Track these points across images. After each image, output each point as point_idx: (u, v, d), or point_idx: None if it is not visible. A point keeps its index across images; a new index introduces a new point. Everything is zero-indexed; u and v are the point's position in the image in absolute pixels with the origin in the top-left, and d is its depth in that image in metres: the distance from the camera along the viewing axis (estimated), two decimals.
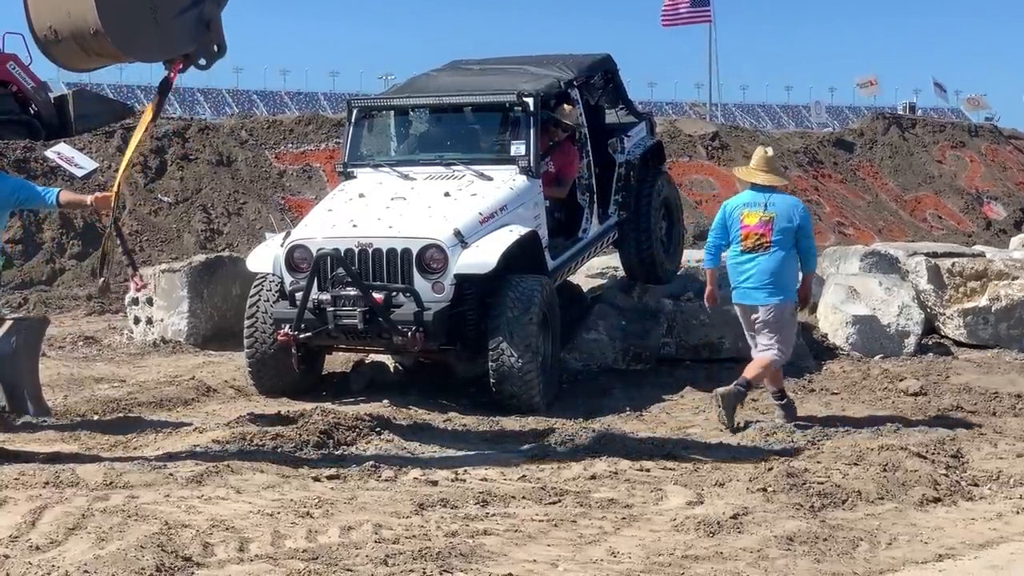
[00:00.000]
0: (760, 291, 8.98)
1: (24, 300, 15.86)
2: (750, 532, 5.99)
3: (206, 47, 7.31)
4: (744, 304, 9.08)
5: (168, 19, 7.05)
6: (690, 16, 38.51)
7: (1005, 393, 9.87)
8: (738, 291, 9.09)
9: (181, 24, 7.11)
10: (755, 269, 8.97)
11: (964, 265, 12.37)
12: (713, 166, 24.76)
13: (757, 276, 8.97)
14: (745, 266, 9.01)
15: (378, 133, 11.04)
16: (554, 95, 10.71)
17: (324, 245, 9.30)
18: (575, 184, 10.93)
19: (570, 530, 6.03)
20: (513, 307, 9.23)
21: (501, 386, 9.24)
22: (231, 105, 79.08)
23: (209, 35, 7.27)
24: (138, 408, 9.05)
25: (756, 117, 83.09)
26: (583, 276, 12.42)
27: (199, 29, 7.21)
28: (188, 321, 12.42)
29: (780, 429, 8.50)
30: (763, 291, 8.97)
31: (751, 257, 9.00)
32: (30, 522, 5.90)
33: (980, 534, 6.11)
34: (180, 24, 7.11)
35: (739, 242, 9.03)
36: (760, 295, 8.98)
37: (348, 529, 5.91)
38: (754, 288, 8.98)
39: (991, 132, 30.95)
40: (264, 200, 20.31)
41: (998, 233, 25.06)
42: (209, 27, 7.24)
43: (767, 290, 8.95)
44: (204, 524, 5.90)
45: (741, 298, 9.08)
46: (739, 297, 9.10)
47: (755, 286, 8.98)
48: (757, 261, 8.98)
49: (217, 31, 7.29)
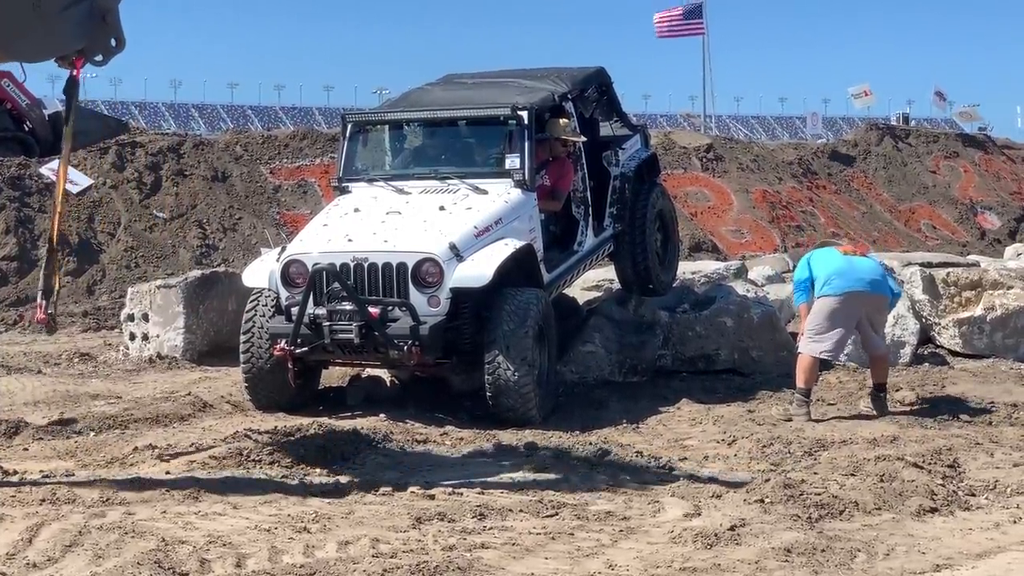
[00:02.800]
0: (883, 284, 9.70)
1: (20, 317, 15.84)
2: (748, 544, 5.99)
3: (102, 41, 6.69)
4: (866, 292, 9.53)
5: (54, 13, 6.42)
6: (683, 28, 38.56)
7: (1001, 403, 9.89)
8: (855, 280, 9.53)
9: (69, 18, 6.49)
10: (868, 263, 9.74)
11: (959, 275, 12.39)
12: (708, 178, 24.76)
13: (875, 269, 9.72)
14: (857, 262, 9.67)
15: (373, 147, 11.05)
16: (548, 108, 10.72)
17: (320, 260, 9.30)
18: (570, 197, 10.95)
19: (568, 543, 6.02)
20: (509, 320, 9.23)
21: (497, 399, 9.24)
22: (226, 120, 79.13)
23: (106, 28, 6.67)
24: (134, 424, 9.03)
25: (750, 128, 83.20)
26: (579, 288, 12.43)
27: (92, 23, 6.59)
28: (184, 337, 12.41)
29: (777, 440, 8.50)
30: (884, 285, 9.72)
31: (860, 257, 9.81)
32: (27, 539, 5.89)
33: (977, 544, 6.12)
34: (68, 18, 6.49)
35: (837, 253, 9.78)
36: (884, 287, 9.72)
37: (345, 544, 5.91)
38: (877, 279, 9.64)
39: (985, 142, 31.00)
40: (260, 215, 20.30)
41: (992, 243, 25.07)
42: (105, 19, 6.65)
43: (885, 285, 9.75)
44: (201, 540, 5.90)
45: (862, 286, 9.53)
46: (859, 285, 9.52)
47: (878, 277, 9.66)
48: (866, 260, 9.81)
49: (114, 24, 6.70)
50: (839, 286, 9.48)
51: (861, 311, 9.56)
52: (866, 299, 9.57)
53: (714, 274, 12.98)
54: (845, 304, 9.49)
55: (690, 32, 38.91)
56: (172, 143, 21.71)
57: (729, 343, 11.44)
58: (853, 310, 9.52)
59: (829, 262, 9.63)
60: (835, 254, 9.75)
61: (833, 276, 9.51)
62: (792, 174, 25.90)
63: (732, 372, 11.36)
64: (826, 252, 9.86)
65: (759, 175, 25.33)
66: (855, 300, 9.51)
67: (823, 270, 9.58)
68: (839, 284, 9.48)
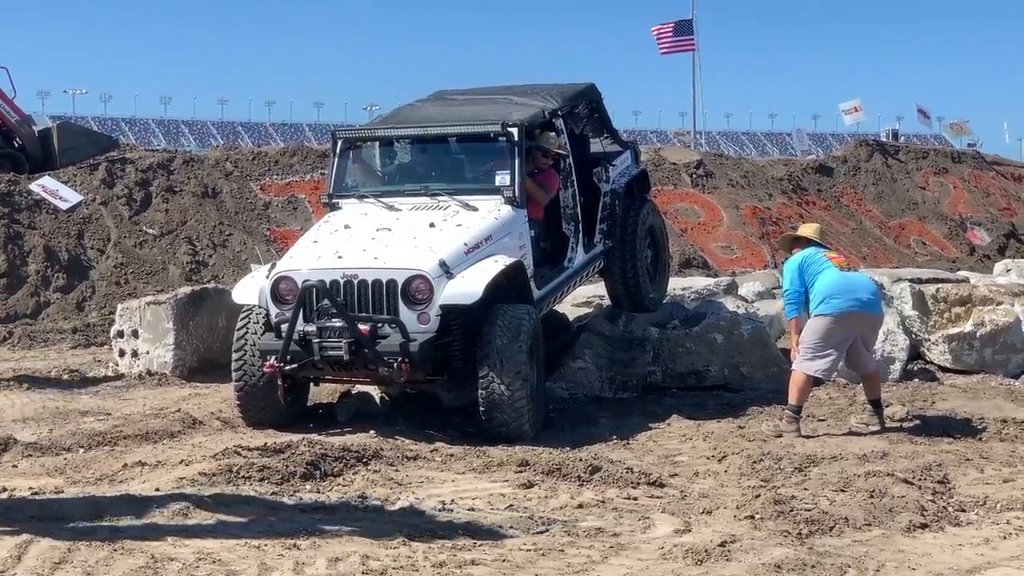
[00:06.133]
0: (878, 302, 9.74)
1: (9, 333, 15.80)
2: (738, 560, 5.98)
3: None
4: (864, 312, 9.46)
5: None
6: (674, 45, 38.68)
7: (991, 418, 9.90)
8: (854, 301, 9.40)
9: None
10: (864, 280, 9.72)
11: (948, 291, 12.41)
12: (698, 194, 24.80)
13: (870, 286, 9.68)
14: (854, 279, 9.59)
15: (363, 164, 11.04)
16: (539, 125, 10.73)
17: (310, 276, 9.30)
18: (560, 213, 10.95)
19: (558, 559, 6.02)
20: (502, 335, 9.23)
21: (491, 414, 9.23)
22: (216, 137, 79.26)
23: None
24: (124, 441, 9.00)
25: (740, 145, 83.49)
26: (569, 305, 12.43)
27: None
28: (174, 353, 12.39)
29: (767, 456, 8.50)
30: (879, 303, 9.77)
31: (854, 273, 9.78)
32: (16, 556, 5.87)
33: (967, 559, 6.12)
34: None
35: (833, 267, 9.52)
36: (879, 305, 9.77)
37: (335, 560, 5.89)
38: (873, 298, 9.61)
39: (974, 158, 31.07)
40: (250, 231, 20.29)
41: (982, 259, 25.10)
42: None
43: (880, 302, 9.81)
44: (191, 557, 5.88)
45: (860, 306, 9.42)
46: (857, 306, 9.41)
47: (873, 296, 9.63)
48: (860, 276, 9.80)
49: None
50: (837, 306, 9.32)
51: (857, 331, 9.51)
52: (863, 319, 9.51)
53: (704, 290, 12.99)
54: (843, 325, 9.38)
55: (681, 48, 39.06)
56: (162, 159, 21.70)
57: (719, 359, 11.45)
58: (851, 330, 9.43)
59: (825, 277, 9.41)
60: (830, 268, 9.48)
61: (831, 294, 9.33)
62: (782, 190, 25.94)
63: (722, 388, 11.37)
64: (817, 262, 9.54)
65: (749, 191, 25.38)
66: (853, 321, 9.42)
67: (818, 285, 9.39)
68: (837, 304, 9.32)
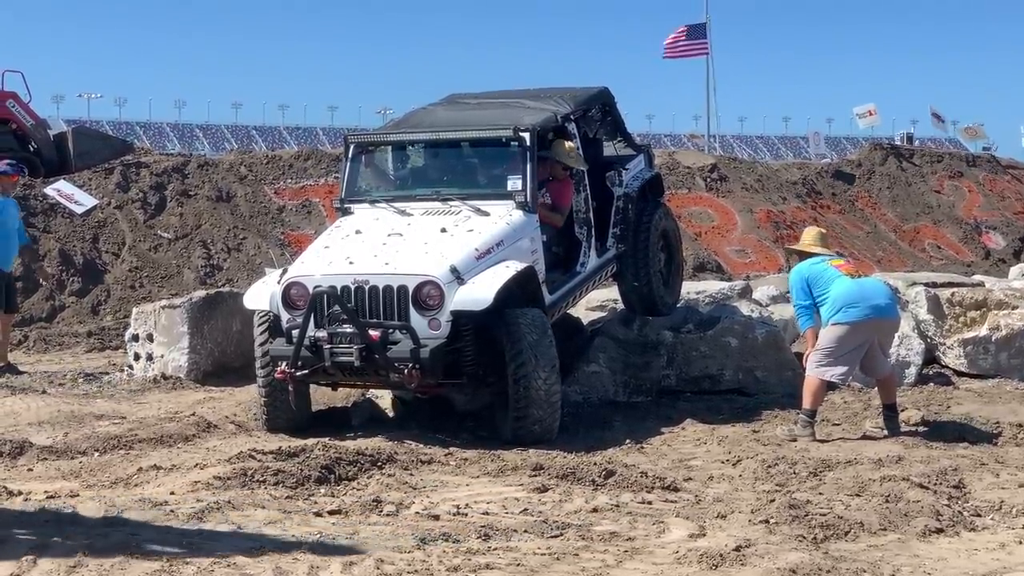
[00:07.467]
0: (894, 306, 9.68)
1: (25, 337, 15.86)
2: (753, 564, 5.97)
3: None
4: (882, 319, 9.41)
5: None
6: (687, 49, 38.67)
7: (1006, 423, 9.86)
8: (872, 308, 9.35)
9: None
10: (879, 285, 9.72)
11: (964, 295, 12.38)
12: (712, 198, 24.79)
13: (885, 291, 9.63)
14: (868, 286, 9.59)
15: (376, 168, 11.03)
16: (551, 129, 10.71)
17: (321, 282, 9.30)
18: (573, 217, 10.93)
19: (572, 563, 6.01)
20: (530, 331, 9.21)
21: (527, 411, 9.19)
22: (230, 141, 79.39)
23: None
24: (139, 445, 9.02)
25: (754, 148, 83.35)
26: (583, 309, 12.42)
27: None
28: (188, 357, 12.41)
29: (782, 460, 8.48)
30: (895, 307, 9.71)
31: (868, 278, 9.81)
32: (31, 560, 5.88)
33: (983, 564, 6.10)
34: None
35: (843, 276, 9.47)
36: (896, 310, 9.72)
37: (350, 565, 5.89)
38: (889, 303, 9.54)
39: (989, 162, 31.01)
40: (264, 235, 20.34)
41: (997, 263, 25.06)
42: None
43: (896, 307, 9.76)
44: (206, 562, 5.88)
45: (878, 313, 9.37)
46: (875, 313, 9.35)
47: (889, 301, 9.57)
48: (874, 281, 9.82)
49: None
50: (854, 315, 9.27)
51: (874, 336, 9.48)
52: (880, 325, 9.47)
53: (718, 294, 12.96)
54: (860, 332, 9.35)
55: (694, 53, 39.05)
56: (176, 163, 21.78)
57: (733, 363, 11.44)
58: (868, 336, 9.40)
59: (838, 286, 9.36)
60: (841, 277, 9.43)
61: (848, 303, 9.29)
62: (796, 194, 25.93)
63: (736, 392, 11.35)
64: (824, 273, 9.48)
65: (763, 195, 25.36)
66: (870, 328, 9.38)
67: (833, 294, 9.33)
68: (855, 313, 9.27)
